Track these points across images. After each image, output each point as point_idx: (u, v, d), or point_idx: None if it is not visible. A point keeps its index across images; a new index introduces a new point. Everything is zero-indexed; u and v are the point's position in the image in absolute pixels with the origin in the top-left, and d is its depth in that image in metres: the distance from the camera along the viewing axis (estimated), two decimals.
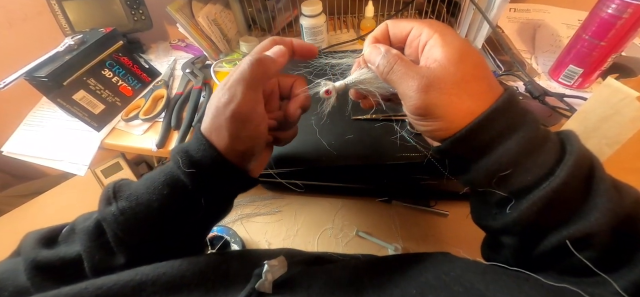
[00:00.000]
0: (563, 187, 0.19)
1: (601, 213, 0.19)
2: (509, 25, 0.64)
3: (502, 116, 0.21)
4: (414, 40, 0.24)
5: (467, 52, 0.22)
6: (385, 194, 0.56)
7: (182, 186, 0.25)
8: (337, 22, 0.72)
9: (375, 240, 0.51)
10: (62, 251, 0.24)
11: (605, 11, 0.43)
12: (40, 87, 0.48)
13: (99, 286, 0.20)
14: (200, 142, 0.25)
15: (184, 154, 0.25)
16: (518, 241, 0.22)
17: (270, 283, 0.22)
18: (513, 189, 0.21)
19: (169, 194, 0.25)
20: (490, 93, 0.22)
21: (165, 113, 0.52)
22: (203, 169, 0.25)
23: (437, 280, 0.21)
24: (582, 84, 0.50)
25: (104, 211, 0.24)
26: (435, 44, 0.22)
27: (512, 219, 0.21)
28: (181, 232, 0.26)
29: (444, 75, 0.21)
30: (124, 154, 0.72)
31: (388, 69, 0.24)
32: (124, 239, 0.24)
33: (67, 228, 0.26)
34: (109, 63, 0.54)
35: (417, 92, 0.22)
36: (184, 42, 0.70)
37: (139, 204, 0.24)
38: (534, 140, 0.21)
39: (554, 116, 0.46)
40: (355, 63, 0.29)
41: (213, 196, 0.27)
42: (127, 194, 0.25)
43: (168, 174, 0.25)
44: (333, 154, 0.36)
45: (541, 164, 0.21)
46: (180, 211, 0.26)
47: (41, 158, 0.53)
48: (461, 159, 0.23)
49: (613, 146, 0.37)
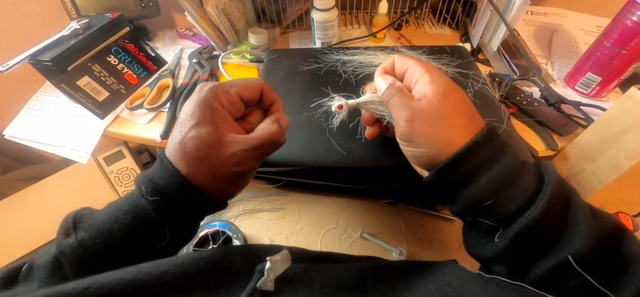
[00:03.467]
0: (543, 215, 0.21)
1: (583, 239, 0.20)
2: (525, 29, 0.62)
3: (481, 148, 0.23)
4: (410, 75, 0.28)
5: (451, 90, 0.25)
6: (391, 196, 0.55)
7: (145, 214, 0.24)
8: (349, 18, 0.70)
9: (379, 242, 0.50)
10: (19, 291, 0.23)
11: (630, 18, 0.41)
12: (44, 71, 0.47)
13: (101, 286, 0.19)
14: (165, 168, 0.24)
15: (148, 181, 0.24)
16: (508, 269, 0.24)
17: (272, 280, 0.22)
18: (498, 217, 0.23)
19: (131, 223, 0.24)
20: (470, 127, 0.24)
21: (171, 103, 0.51)
22: (167, 197, 0.24)
23: (439, 292, 0.21)
24: (600, 93, 0.49)
25: (62, 242, 0.23)
26: (425, 81, 0.26)
27: (501, 247, 0.23)
28: (144, 260, 0.24)
29: (427, 108, 0.25)
30: (126, 142, 0.71)
31: (388, 99, 0.27)
32: (82, 271, 0.22)
33: (26, 266, 0.25)
34: (114, 49, 0.53)
35: (405, 121, 0.25)
36: (191, 31, 0.69)
37: (99, 234, 0.23)
38: (513, 170, 0.23)
39: (569, 125, 0.44)
40: (368, 88, 0.32)
41: (178, 222, 0.26)
42: (88, 224, 0.24)
43: (132, 203, 0.24)
44: (343, 154, 0.35)
45: (521, 193, 0.22)
46: (143, 240, 0.24)
47: (43, 143, 0.52)
48: (448, 189, 0.25)
49: (632, 159, 0.36)
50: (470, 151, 0.23)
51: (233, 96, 0.27)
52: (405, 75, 0.28)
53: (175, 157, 0.24)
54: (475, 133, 0.24)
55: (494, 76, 0.51)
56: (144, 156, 0.84)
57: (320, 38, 0.59)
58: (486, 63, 0.57)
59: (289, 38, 0.67)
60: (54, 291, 0.19)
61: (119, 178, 0.72)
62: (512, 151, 0.24)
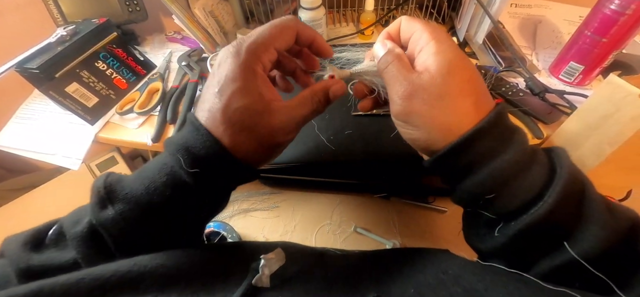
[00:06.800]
0: (551, 214, 0.19)
1: (595, 240, 0.18)
2: (510, 21, 0.63)
3: (485, 137, 0.21)
4: (414, 41, 0.24)
5: (458, 65, 0.22)
6: (384, 191, 0.55)
7: (185, 186, 0.23)
8: (337, 16, 0.71)
9: (373, 236, 0.51)
10: (55, 257, 0.23)
11: (608, 7, 0.42)
12: (31, 79, 0.47)
13: (96, 277, 0.19)
14: (203, 137, 0.23)
15: (185, 151, 0.23)
16: (508, 264, 0.22)
17: (267, 277, 0.22)
18: (500, 212, 0.21)
19: (170, 195, 0.23)
20: (475, 112, 0.21)
21: (161, 107, 0.51)
22: (208, 168, 0.23)
23: (435, 279, 0.21)
24: (583, 81, 0.50)
25: (100, 215, 0.23)
26: (430, 51, 0.22)
27: (500, 243, 0.21)
28: (182, 229, 0.25)
29: (429, 86, 0.21)
30: (119, 148, 0.71)
31: (384, 67, 0.24)
32: (125, 242, 0.23)
33: (54, 230, 0.24)
34: (102, 55, 0.53)
35: (401, 98, 0.22)
36: (180, 35, 0.69)
37: (138, 206, 0.23)
38: (520, 162, 0.20)
39: (554, 113, 0.45)
40: (366, 55, 0.29)
41: (216, 193, 0.25)
42: (122, 194, 0.23)
43: (169, 174, 0.23)
44: (332, 150, 0.36)
45: (528, 188, 0.20)
46: (181, 211, 0.24)
47: (34, 152, 0.51)
48: (446, 177, 0.24)
49: (614, 145, 0.37)
50: (471, 139, 0.21)
51: (273, 54, 0.24)
52: (410, 41, 0.25)
53: (216, 126, 0.22)
54: (480, 118, 0.21)
55: (480, 68, 0.52)
56: (138, 161, 0.83)
57: None
58: (473, 56, 0.58)
59: None
60: (49, 281, 0.18)
61: None
62: (521, 138, 0.22)
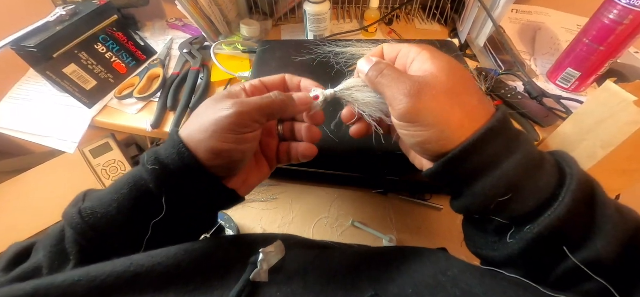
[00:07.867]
0: (569, 213, 0.18)
1: (608, 240, 0.18)
2: (510, 26, 0.64)
3: (497, 137, 0.20)
4: (403, 57, 0.24)
5: (457, 67, 0.22)
6: (382, 186, 0.56)
7: (143, 184, 0.23)
8: (341, 12, 0.71)
9: (370, 231, 0.51)
10: (25, 266, 0.23)
11: (607, 17, 0.44)
12: (28, 58, 0.46)
13: (92, 279, 0.19)
14: (172, 140, 0.24)
15: (153, 153, 0.24)
16: (524, 274, 0.20)
17: (265, 272, 0.22)
18: (514, 215, 0.20)
19: (128, 193, 0.23)
20: (482, 110, 0.21)
21: (161, 93, 0.51)
22: (166, 166, 0.23)
23: (434, 280, 0.21)
24: (579, 87, 0.52)
25: (67, 211, 0.24)
26: (424, 59, 0.22)
27: (517, 250, 0.20)
28: (144, 235, 0.24)
29: (435, 83, 0.21)
30: (114, 134, 0.70)
31: (377, 74, 0.23)
32: (83, 243, 0.22)
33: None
34: (102, 38, 0.52)
35: (407, 96, 0.21)
36: (181, 22, 0.68)
37: (101, 205, 0.23)
38: (533, 161, 0.20)
39: (550, 117, 0.46)
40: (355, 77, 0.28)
41: (178, 198, 0.24)
42: (94, 196, 0.24)
43: (132, 174, 0.24)
44: (335, 141, 0.36)
45: (543, 187, 0.19)
46: (141, 211, 0.24)
47: (28, 133, 0.50)
48: (454, 182, 0.22)
49: (607, 148, 0.38)
50: (484, 139, 0.20)
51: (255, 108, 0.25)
52: (398, 58, 0.25)
53: (190, 138, 0.24)
54: (487, 118, 0.21)
55: (480, 71, 0.53)
56: (132, 149, 0.82)
57: (312, 31, 0.59)
58: (473, 58, 0.59)
59: (281, 30, 0.67)
60: (44, 282, 0.18)
61: (106, 171, 0.70)
62: (528, 138, 0.21)
